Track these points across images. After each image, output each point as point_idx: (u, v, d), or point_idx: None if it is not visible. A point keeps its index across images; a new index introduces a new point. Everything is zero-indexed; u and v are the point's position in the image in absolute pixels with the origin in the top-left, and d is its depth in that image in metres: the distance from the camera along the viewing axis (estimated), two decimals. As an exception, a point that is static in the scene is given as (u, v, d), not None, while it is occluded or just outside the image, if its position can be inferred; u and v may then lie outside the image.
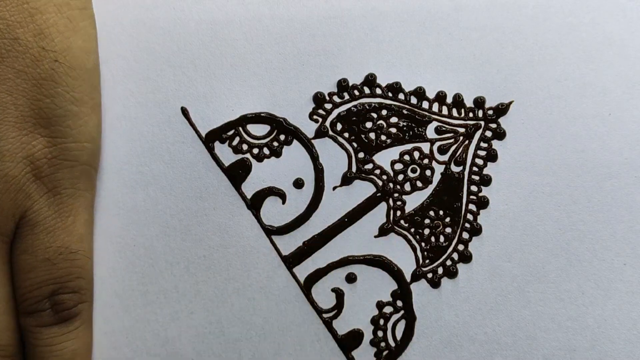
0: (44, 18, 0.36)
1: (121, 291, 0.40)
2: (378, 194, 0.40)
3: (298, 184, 0.40)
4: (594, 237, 0.39)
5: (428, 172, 0.40)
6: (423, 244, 0.40)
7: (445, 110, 0.40)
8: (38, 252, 0.37)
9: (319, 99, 0.40)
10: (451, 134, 0.40)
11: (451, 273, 0.40)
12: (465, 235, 0.40)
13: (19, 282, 0.37)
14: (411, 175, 0.40)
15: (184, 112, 0.40)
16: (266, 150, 0.40)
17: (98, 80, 0.38)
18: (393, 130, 0.40)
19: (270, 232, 0.40)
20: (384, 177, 0.40)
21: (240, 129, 0.40)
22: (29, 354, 0.38)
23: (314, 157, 0.40)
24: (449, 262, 0.40)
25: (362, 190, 0.40)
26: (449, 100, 0.40)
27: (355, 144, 0.40)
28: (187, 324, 0.40)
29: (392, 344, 0.40)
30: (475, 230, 0.40)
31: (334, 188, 0.40)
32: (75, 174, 0.37)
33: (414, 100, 0.40)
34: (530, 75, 0.39)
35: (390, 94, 0.40)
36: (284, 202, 0.40)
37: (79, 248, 0.38)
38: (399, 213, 0.40)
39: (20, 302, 0.37)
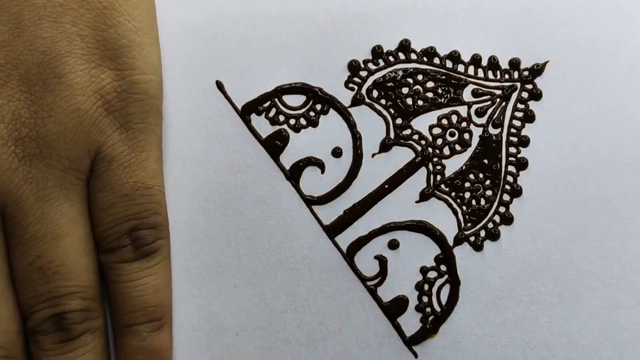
0: None
1: (163, 268, 0.40)
2: (417, 159, 0.40)
3: (336, 152, 0.40)
4: (635, 193, 0.39)
5: (466, 136, 0.40)
6: (464, 208, 0.40)
7: (480, 73, 0.40)
8: (116, 189, 0.36)
9: (353, 67, 0.40)
10: (488, 97, 0.40)
11: (493, 235, 0.40)
12: (506, 197, 0.40)
13: (98, 220, 0.36)
14: (450, 139, 0.40)
15: (219, 85, 0.40)
16: (303, 121, 0.40)
17: (155, 13, 0.38)
18: (430, 94, 0.40)
19: (310, 202, 0.40)
20: (423, 142, 0.40)
21: (276, 100, 0.40)
22: (111, 292, 0.37)
23: (351, 125, 0.40)
24: (490, 225, 0.40)
25: (401, 156, 0.40)
26: (484, 62, 0.40)
27: (392, 110, 0.40)
28: (231, 297, 0.40)
29: (438, 308, 0.40)
30: (516, 192, 0.40)
31: (373, 155, 0.40)
32: (145, 108, 0.37)
33: (449, 64, 0.40)
34: (564, 35, 0.39)
35: (425, 59, 0.40)
36: (322, 172, 0.40)
37: (155, 183, 0.37)
38: (439, 177, 0.40)
39: (100, 239, 0.37)
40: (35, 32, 0.34)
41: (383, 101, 0.40)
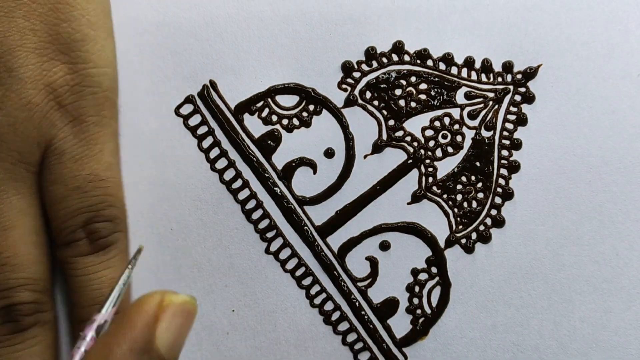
0: None
1: (154, 266, 0.40)
2: (409, 161, 0.40)
3: (329, 153, 0.40)
4: (627, 197, 0.39)
5: (459, 138, 0.40)
6: (456, 210, 0.40)
7: (474, 76, 0.40)
8: (68, 181, 0.36)
9: (347, 68, 0.40)
10: (481, 99, 0.40)
11: (485, 238, 0.40)
12: (498, 199, 0.40)
13: (52, 214, 0.37)
14: (442, 141, 0.40)
15: (213, 85, 0.40)
16: (296, 121, 0.40)
17: (109, 7, 0.38)
18: (422, 96, 0.40)
19: (302, 202, 0.40)
20: (415, 143, 0.40)
21: (269, 100, 0.40)
22: (68, 286, 0.37)
23: (344, 126, 0.40)
24: (482, 227, 0.40)
25: (394, 157, 0.40)
26: (478, 65, 0.40)
27: (385, 112, 0.40)
28: (222, 296, 0.40)
29: (428, 310, 0.40)
30: (508, 195, 0.40)
31: (365, 156, 0.40)
32: (99, 101, 0.37)
33: (442, 66, 0.40)
34: (558, 38, 0.39)
35: (418, 61, 0.40)
36: (315, 172, 0.40)
37: (109, 176, 0.37)
38: (431, 179, 0.40)
39: (56, 234, 0.37)
40: None
41: (376, 102, 0.40)
